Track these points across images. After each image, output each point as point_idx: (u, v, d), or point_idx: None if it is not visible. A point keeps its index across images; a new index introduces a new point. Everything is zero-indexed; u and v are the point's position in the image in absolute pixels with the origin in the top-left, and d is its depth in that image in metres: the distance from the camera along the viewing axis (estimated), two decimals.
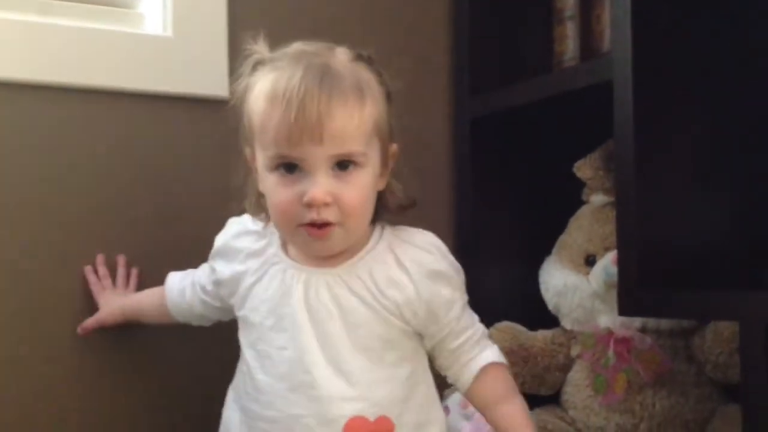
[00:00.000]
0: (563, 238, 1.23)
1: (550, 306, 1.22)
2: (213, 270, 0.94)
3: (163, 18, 1.10)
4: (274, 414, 0.86)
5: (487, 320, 1.21)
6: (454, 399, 1.14)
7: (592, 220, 1.18)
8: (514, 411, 0.90)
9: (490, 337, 1.19)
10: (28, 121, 1.04)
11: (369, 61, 0.87)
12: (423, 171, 1.29)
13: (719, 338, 1.05)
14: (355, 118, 0.81)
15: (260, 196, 0.88)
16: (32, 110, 1.04)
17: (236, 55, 1.12)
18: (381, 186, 0.89)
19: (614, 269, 1.01)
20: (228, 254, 0.92)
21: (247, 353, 0.89)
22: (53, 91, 1.05)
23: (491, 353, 0.92)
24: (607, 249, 1.13)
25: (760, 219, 0.97)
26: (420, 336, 0.90)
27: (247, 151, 0.88)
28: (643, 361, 1.08)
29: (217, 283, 0.94)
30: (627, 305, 0.91)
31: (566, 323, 1.20)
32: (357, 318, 0.86)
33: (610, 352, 1.10)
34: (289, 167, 0.82)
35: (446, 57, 1.31)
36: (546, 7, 1.30)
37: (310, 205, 0.81)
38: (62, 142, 1.06)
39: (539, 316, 1.23)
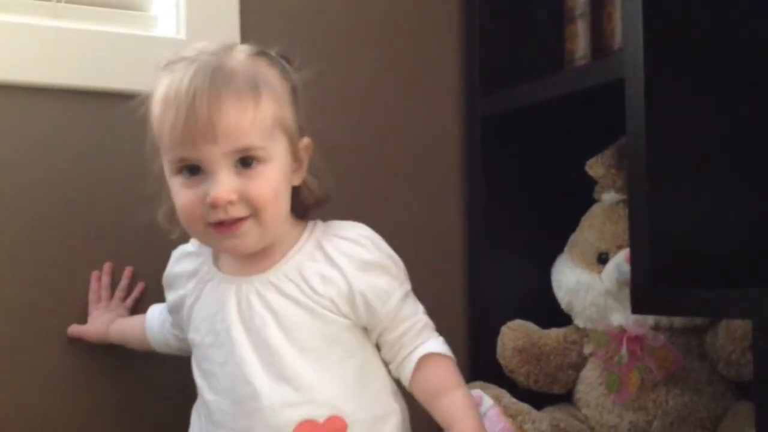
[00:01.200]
0: (575, 237, 1.23)
1: (563, 304, 1.22)
2: (166, 301, 0.96)
3: (176, 20, 1.11)
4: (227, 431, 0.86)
5: (500, 319, 1.23)
6: None
7: (604, 218, 1.18)
8: (455, 401, 0.86)
9: (503, 335, 1.21)
10: (43, 125, 1.05)
11: (270, 57, 0.86)
12: (434, 170, 1.30)
13: (732, 336, 1.05)
14: (249, 113, 0.80)
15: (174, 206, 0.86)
16: (47, 113, 1.05)
17: None
18: (297, 181, 0.88)
19: (627, 267, 1.01)
20: (172, 282, 0.94)
21: (195, 374, 0.90)
22: (68, 94, 1.06)
23: (433, 344, 0.89)
24: (619, 247, 1.13)
25: None
26: (365, 329, 0.89)
27: (157, 161, 0.86)
28: (656, 359, 1.08)
29: (172, 312, 0.95)
30: (640, 303, 0.91)
31: (579, 321, 1.20)
32: (292, 320, 0.85)
33: (623, 350, 1.10)
34: (191, 169, 0.81)
35: (457, 56, 1.31)
36: (557, 6, 1.29)
37: (214, 206, 0.80)
38: (78, 146, 1.06)
39: (552, 314, 1.23)
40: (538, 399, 1.19)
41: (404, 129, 1.27)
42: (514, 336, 1.20)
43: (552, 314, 1.23)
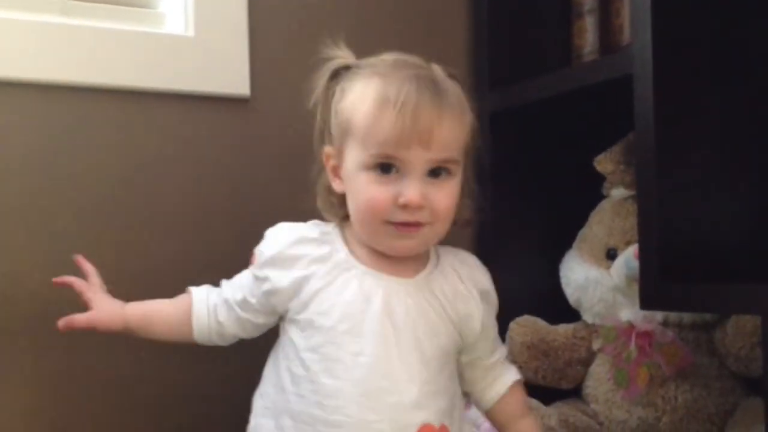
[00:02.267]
0: (584, 232, 1.23)
1: (571, 300, 1.22)
2: (264, 280, 0.91)
3: (185, 17, 1.11)
4: (341, 419, 0.85)
5: (508, 315, 1.23)
6: None
7: (612, 214, 1.18)
8: (533, 424, 0.99)
9: (512, 331, 1.21)
10: (50, 122, 1.05)
11: (459, 81, 0.92)
12: None
13: (741, 332, 1.05)
14: (457, 130, 0.87)
15: (329, 194, 0.93)
16: (55, 110, 1.05)
17: (257, 53, 1.15)
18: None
19: (635, 263, 1.01)
20: (285, 262, 0.90)
21: (305, 356, 0.88)
22: (76, 91, 1.06)
23: (515, 371, 1.00)
24: (628, 243, 1.13)
25: None
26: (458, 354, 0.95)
27: (327, 149, 0.92)
28: (665, 355, 1.08)
29: (270, 293, 0.90)
30: (649, 299, 0.91)
31: (588, 317, 1.20)
32: (432, 329, 0.90)
33: (632, 346, 1.10)
34: (385, 168, 0.85)
35: (465, 51, 1.31)
36: (565, 1, 1.29)
37: (405, 207, 0.85)
38: (85, 142, 1.07)
39: (560, 310, 1.23)
40: (546, 394, 1.19)
41: None
42: (523, 332, 1.20)
43: (561, 310, 1.23)
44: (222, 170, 1.14)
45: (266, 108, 1.16)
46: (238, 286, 0.95)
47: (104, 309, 0.94)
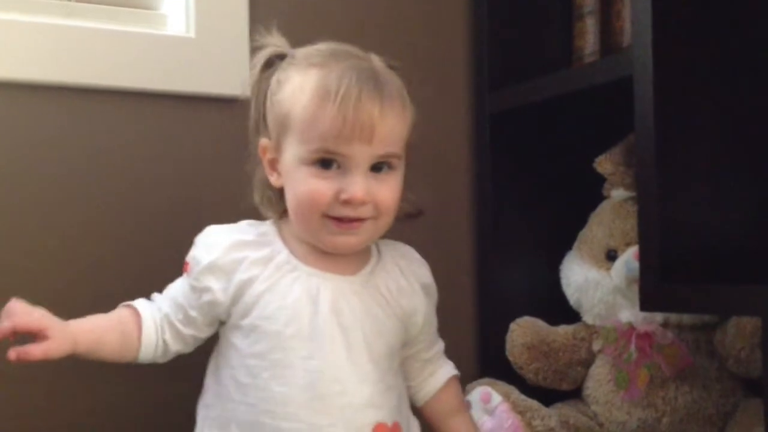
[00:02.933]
0: (584, 234, 1.23)
1: (572, 301, 1.22)
2: (203, 291, 0.87)
3: (186, 19, 1.11)
4: (294, 425, 0.83)
5: (508, 316, 1.23)
6: (475, 394, 1.14)
7: (613, 216, 1.18)
8: (467, 421, 1.00)
9: (512, 332, 1.21)
10: (53, 123, 1.05)
11: (398, 71, 0.90)
12: (442, 167, 1.30)
13: (741, 333, 1.05)
14: (399, 124, 0.85)
15: (267, 189, 0.90)
16: (57, 112, 1.05)
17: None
18: None
19: (635, 264, 1.01)
20: (224, 268, 0.86)
21: (250, 363, 0.85)
22: (78, 92, 1.06)
23: (452, 366, 1.00)
24: (628, 244, 1.13)
25: None
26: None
27: (264, 142, 0.89)
28: (665, 356, 1.09)
29: (212, 303, 0.86)
30: (649, 300, 0.91)
31: (588, 318, 1.20)
32: (380, 327, 0.88)
33: (632, 347, 1.10)
34: (325, 163, 0.83)
35: (465, 52, 1.31)
36: (566, 3, 1.29)
37: (347, 202, 0.83)
38: (87, 143, 1.07)
39: (560, 311, 1.23)
40: (547, 395, 1.19)
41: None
42: (523, 333, 1.20)
43: (561, 311, 1.23)
44: (223, 169, 1.13)
45: None
46: (175, 303, 0.89)
47: (57, 336, 0.81)
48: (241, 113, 1.13)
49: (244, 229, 0.90)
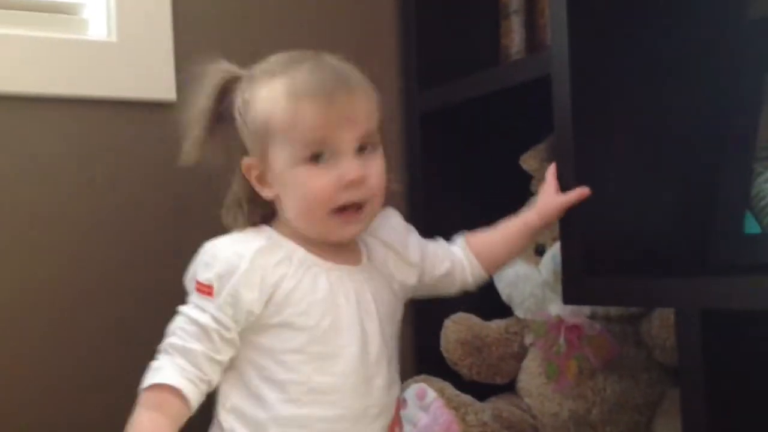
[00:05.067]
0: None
1: (503, 296, 1.24)
2: (238, 305, 0.85)
3: (107, 23, 1.10)
4: (340, 412, 0.87)
5: (443, 312, 1.24)
6: (411, 391, 1.16)
7: None
8: (498, 227, 1.02)
9: (446, 328, 1.22)
10: None
11: (352, 63, 0.93)
12: None
13: (666, 323, 1.07)
14: (371, 103, 0.90)
15: (238, 207, 0.92)
16: None
17: (182, 57, 1.14)
18: None
19: None
20: (252, 277, 0.85)
21: (287, 359, 0.86)
22: (2, 100, 1.05)
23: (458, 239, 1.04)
24: (555, 239, 1.15)
25: (701, 207, 0.99)
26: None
27: (246, 161, 0.90)
28: (593, 347, 1.11)
29: (249, 313, 0.86)
30: (571, 294, 0.93)
31: (519, 312, 1.22)
32: (390, 310, 0.94)
33: (561, 340, 1.12)
34: (316, 157, 0.86)
35: (395, 52, 1.32)
36: (492, 1, 1.31)
37: (351, 184, 0.86)
38: (9, 150, 1.06)
39: (494, 306, 1.25)
40: (482, 390, 1.21)
41: None
42: (457, 329, 1.21)
43: (495, 306, 1.25)
44: (149, 173, 1.13)
45: None
46: (211, 340, 0.85)
47: None
48: (168, 117, 1.14)
49: (252, 236, 0.90)
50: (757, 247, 0.93)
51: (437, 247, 1.02)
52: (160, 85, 1.11)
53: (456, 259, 1.01)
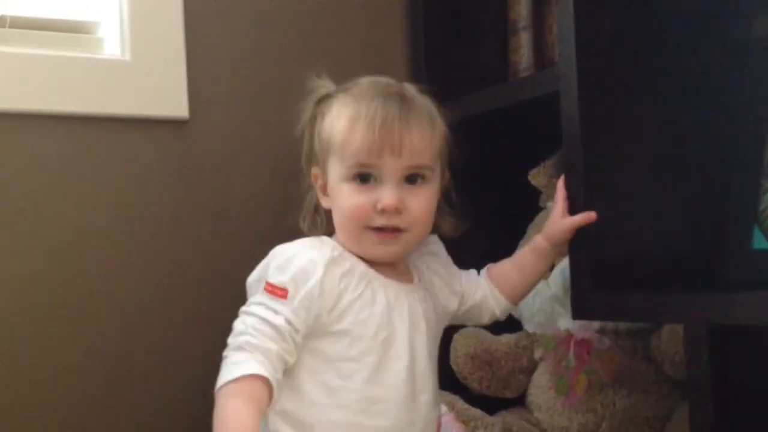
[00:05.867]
0: (523, 245, 1.25)
1: (513, 311, 1.24)
2: (308, 311, 0.89)
3: (121, 42, 1.12)
4: (387, 423, 0.92)
5: (453, 327, 1.24)
6: None
7: None
8: (517, 254, 1.08)
9: (456, 342, 1.23)
10: None
11: (432, 95, 0.99)
12: None
13: (675, 338, 1.07)
14: (427, 138, 0.94)
15: (316, 213, 1.00)
16: None
17: (195, 75, 1.16)
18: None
19: None
20: (324, 285, 0.90)
21: (342, 366, 0.91)
22: (16, 118, 1.06)
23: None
24: (564, 254, 1.16)
25: (710, 223, 0.99)
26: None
27: (315, 170, 0.98)
28: (603, 362, 1.11)
29: (318, 318, 0.90)
30: (580, 309, 0.93)
31: (529, 327, 1.23)
32: (434, 330, 0.98)
33: (571, 354, 1.12)
34: (364, 178, 0.92)
35: (403, 68, 1.33)
36: (501, 18, 1.32)
37: (383, 211, 0.91)
38: (27, 168, 1.07)
39: (503, 320, 1.25)
40: (491, 404, 1.21)
41: None
42: (467, 343, 1.22)
43: (504, 321, 1.24)
44: (163, 190, 1.14)
45: (205, 129, 1.17)
46: (280, 329, 0.88)
47: None
48: (183, 134, 1.15)
49: (320, 245, 0.94)
50: (766, 263, 0.94)
51: (470, 276, 1.06)
52: (174, 103, 1.13)
53: (485, 289, 1.05)
